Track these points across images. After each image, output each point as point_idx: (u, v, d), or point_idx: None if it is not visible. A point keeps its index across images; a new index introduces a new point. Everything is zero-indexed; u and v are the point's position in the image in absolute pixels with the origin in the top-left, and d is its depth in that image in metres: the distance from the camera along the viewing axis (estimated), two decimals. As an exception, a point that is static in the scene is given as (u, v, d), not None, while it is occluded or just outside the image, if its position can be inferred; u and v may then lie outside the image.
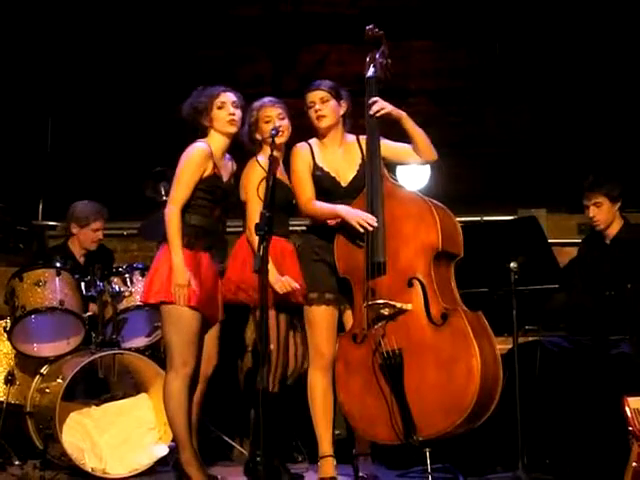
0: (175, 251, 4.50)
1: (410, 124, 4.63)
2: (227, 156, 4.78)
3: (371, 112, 4.59)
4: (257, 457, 4.58)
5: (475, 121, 7.09)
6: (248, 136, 4.85)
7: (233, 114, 4.66)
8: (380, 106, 4.58)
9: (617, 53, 6.76)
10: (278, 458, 4.73)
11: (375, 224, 4.42)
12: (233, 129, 4.68)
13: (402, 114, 4.62)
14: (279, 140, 4.71)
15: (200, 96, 4.68)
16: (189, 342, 4.55)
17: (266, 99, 4.87)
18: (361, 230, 4.43)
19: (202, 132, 4.69)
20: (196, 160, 4.59)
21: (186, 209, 4.58)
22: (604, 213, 5.07)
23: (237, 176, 4.83)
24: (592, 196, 5.08)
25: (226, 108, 4.65)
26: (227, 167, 4.76)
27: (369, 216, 4.43)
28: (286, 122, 4.82)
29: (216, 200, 4.65)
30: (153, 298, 4.58)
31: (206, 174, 4.60)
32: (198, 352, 4.62)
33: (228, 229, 4.87)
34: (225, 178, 4.70)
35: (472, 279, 4.85)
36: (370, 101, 4.60)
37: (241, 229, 4.88)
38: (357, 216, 4.45)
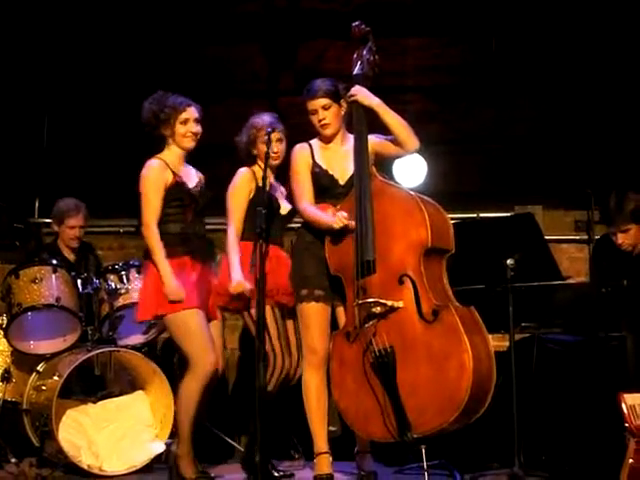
0: (162, 266, 4.59)
1: (387, 114, 4.57)
2: (187, 165, 4.87)
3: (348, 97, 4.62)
4: (254, 452, 4.58)
5: (471, 118, 7.08)
6: (244, 150, 5.01)
7: (195, 133, 4.75)
8: (352, 93, 4.58)
9: (615, 49, 6.75)
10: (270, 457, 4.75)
11: (345, 220, 4.38)
12: (192, 145, 4.78)
13: (373, 103, 4.57)
14: (272, 163, 4.80)
15: (163, 105, 4.73)
16: (201, 340, 4.60)
17: (267, 119, 4.95)
18: (336, 228, 4.40)
19: (158, 138, 4.77)
20: (154, 177, 4.69)
21: (160, 221, 4.66)
22: (632, 238, 4.94)
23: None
24: (620, 223, 4.92)
25: (189, 125, 4.74)
26: (189, 174, 4.84)
27: (341, 213, 4.41)
28: (283, 146, 4.95)
29: (185, 205, 4.73)
30: (149, 314, 4.67)
31: (168, 184, 4.69)
32: (212, 346, 4.65)
33: (209, 227, 4.97)
34: (191, 184, 4.79)
35: (468, 276, 4.86)
36: (352, 90, 4.61)
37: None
38: (331, 219, 4.42)
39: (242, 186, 4.93)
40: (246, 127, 5.01)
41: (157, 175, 4.69)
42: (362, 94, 4.59)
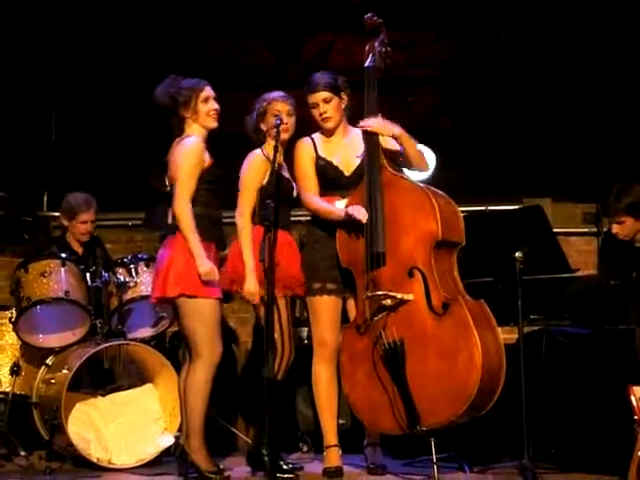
0: (195, 245, 4.47)
1: (406, 142, 4.58)
2: None
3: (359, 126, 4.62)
4: (261, 446, 4.57)
5: (480, 110, 7.07)
6: (254, 125, 4.93)
7: (217, 110, 4.67)
8: (368, 125, 4.57)
9: (624, 42, 6.73)
10: (279, 449, 4.75)
11: (364, 218, 4.38)
12: (215, 124, 4.69)
13: (395, 132, 4.56)
14: (282, 136, 4.74)
15: (180, 86, 4.64)
16: (214, 331, 4.56)
17: (278, 93, 4.92)
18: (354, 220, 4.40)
19: (178, 123, 4.67)
20: (198, 154, 4.58)
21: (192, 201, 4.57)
22: (628, 229, 4.97)
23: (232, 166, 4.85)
24: (614, 214, 4.96)
25: (211, 103, 4.66)
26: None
27: (358, 209, 4.41)
28: (293, 120, 4.88)
29: (215, 189, 4.66)
30: (171, 292, 4.53)
31: (206, 165, 4.61)
32: (221, 339, 4.63)
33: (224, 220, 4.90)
34: None
35: (477, 269, 4.86)
36: (364, 122, 4.59)
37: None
38: (347, 211, 4.43)
39: (258, 166, 4.83)
40: (257, 101, 4.94)
41: (200, 154, 4.59)
42: (378, 125, 4.57)
